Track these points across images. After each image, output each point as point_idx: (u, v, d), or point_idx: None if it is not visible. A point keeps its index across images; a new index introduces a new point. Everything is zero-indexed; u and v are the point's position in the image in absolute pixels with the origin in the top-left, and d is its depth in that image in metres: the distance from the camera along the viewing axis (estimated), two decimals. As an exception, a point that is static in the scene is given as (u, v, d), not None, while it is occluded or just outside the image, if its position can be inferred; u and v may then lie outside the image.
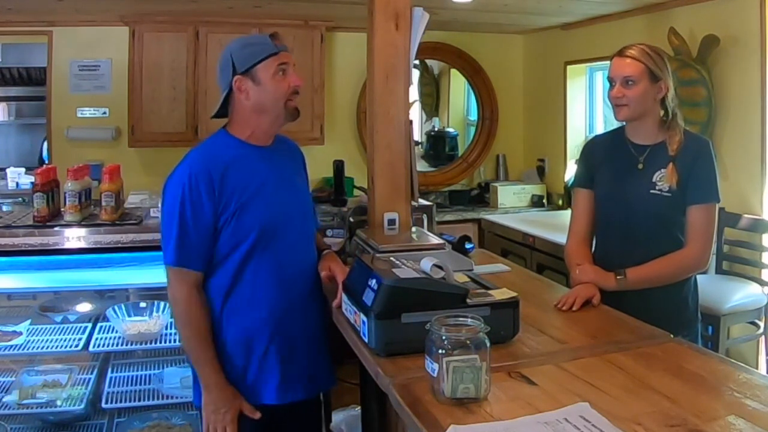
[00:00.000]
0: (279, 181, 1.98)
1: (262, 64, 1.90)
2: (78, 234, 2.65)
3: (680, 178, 2.08)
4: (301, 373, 1.99)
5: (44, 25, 4.52)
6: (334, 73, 5.08)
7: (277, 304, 1.95)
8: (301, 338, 1.99)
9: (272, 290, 1.94)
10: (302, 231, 2.05)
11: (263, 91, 1.92)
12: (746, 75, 3.51)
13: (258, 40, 1.95)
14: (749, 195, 3.54)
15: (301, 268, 2.02)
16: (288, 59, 1.94)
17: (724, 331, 3.27)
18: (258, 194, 1.91)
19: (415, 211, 2.63)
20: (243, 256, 1.90)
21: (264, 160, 1.97)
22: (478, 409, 1.32)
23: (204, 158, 1.91)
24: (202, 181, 1.84)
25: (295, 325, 1.98)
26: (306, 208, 2.11)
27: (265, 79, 1.91)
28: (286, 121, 1.98)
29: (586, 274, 2.11)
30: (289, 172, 2.07)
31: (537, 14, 4.60)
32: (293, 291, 1.98)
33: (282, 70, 1.92)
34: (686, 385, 1.43)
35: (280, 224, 1.95)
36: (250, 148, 1.96)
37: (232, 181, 1.88)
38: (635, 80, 2.08)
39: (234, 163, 1.91)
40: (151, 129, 4.45)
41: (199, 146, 2.00)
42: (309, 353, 2.02)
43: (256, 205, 1.90)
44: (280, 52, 1.92)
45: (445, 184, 5.50)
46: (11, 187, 4.71)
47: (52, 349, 2.72)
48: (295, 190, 2.06)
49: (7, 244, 2.55)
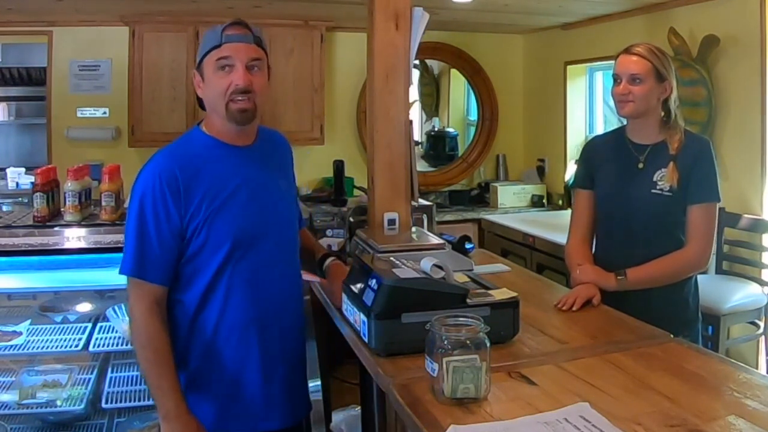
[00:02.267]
0: (258, 185, 1.75)
1: (206, 58, 1.71)
2: (78, 234, 2.65)
3: (681, 178, 2.08)
4: (279, 400, 1.78)
5: (44, 25, 4.52)
6: (334, 73, 5.08)
7: (252, 326, 1.73)
8: (279, 361, 1.78)
9: (246, 310, 1.72)
10: (283, 241, 1.81)
11: (207, 88, 1.72)
12: (746, 75, 3.51)
13: (212, 30, 1.73)
14: (749, 195, 3.54)
15: (281, 284, 1.79)
16: (233, 53, 1.67)
17: (724, 331, 3.27)
18: (232, 200, 1.69)
19: (415, 211, 2.63)
20: (214, 271, 1.68)
21: (241, 161, 1.75)
22: (478, 409, 1.32)
23: (172, 158, 1.70)
24: (168, 184, 1.63)
25: (272, 348, 1.76)
26: (289, 215, 1.87)
27: (208, 75, 1.71)
28: (233, 124, 1.72)
29: (587, 274, 2.11)
30: (272, 175, 1.82)
31: (537, 14, 4.60)
32: (270, 310, 1.76)
33: (224, 66, 1.68)
34: (686, 385, 1.43)
35: (258, 234, 1.73)
36: (226, 148, 1.74)
37: (203, 184, 1.67)
38: (642, 78, 2.08)
39: (206, 164, 1.69)
40: (151, 129, 4.45)
41: (170, 144, 1.77)
42: (287, 378, 1.81)
43: (229, 213, 1.68)
44: (224, 44, 1.68)
45: (445, 184, 5.50)
46: (11, 187, 4.71)
47: (52, 349, 2.71)
48: (278, 194, 1.81)
49: (7, 244, 2.55)
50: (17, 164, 4.97)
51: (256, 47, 1.73)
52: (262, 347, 1.74)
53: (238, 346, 1.72)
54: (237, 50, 1.68)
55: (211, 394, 1.72)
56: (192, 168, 1.68)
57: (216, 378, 1.72)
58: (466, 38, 5.42)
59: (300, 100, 4.67)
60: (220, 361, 1.72)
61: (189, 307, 1.70)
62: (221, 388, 1.72)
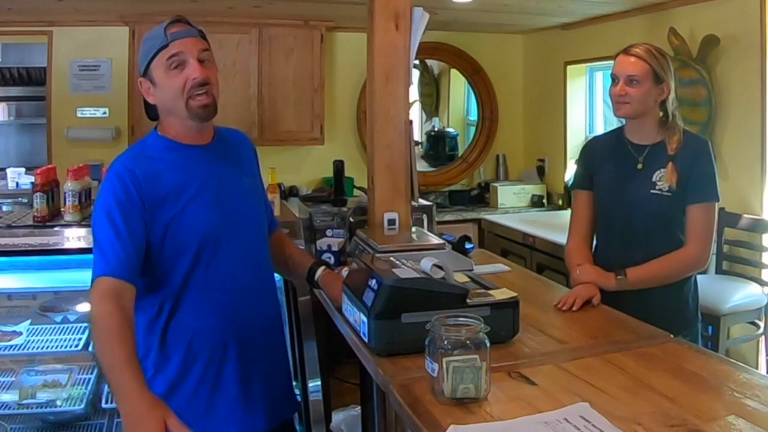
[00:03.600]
0: (220, 185, 1.71)
1: (154, 61, 1.65)
2: (78, 234, 2.65)
3: (680, 178, 2.08)
4: (260, 401, 1.74)
5: (44, 25, 4.52)
6: (334, 73, 5.08)
7: (227, 327, 1.69)
8: (258, 361, 1.75)
9: (221, 312, 1.68)
10: (252, 240, 1.77)
11: (160, 92, 1.67)
12: (746, 75, 3.51)
13: (152, 33, 1.67)
14: (749, 195, 3.54)
15: (253, 283, 1.76)
16: (183, 48, 1.62)
17: (724, 331, 3.27)
18: (195, 201, 1.65)
19: (415, 211, 2.63)
20: (184, 274, 1.65)
21: (201, 161, 1.71)
22: (478, 409, 1.32)
23: (131, 161, 1.66)
24: (132, 184, 1.60)
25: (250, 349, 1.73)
26: (256, 214, 1.82)
27: (159, 79, 1.65)
28: (196, 122, 1.68)
29: (587, 274, 2.11)
30: (234, 173, 1.77)
31: (537, 14, 4.60)
32: (244, 311, 1.72)
33: (176, 64, 1.63)
34: (686, 385, 1.43)
35: (224, 234, 1.69)
36: (184, 149, 1.70)
37: (164, 186, 1.63)
38: (639, 80, 2.08)
39: (165, 167, 1.66)
40: (151, 129, 4.44)
41: (128, 149, 1.76)
42: (267, 377, 1.77)
43: (193, 214, 1.64)
44: (171, 42, 1.62)
45: (445, 184, 5.50)
46: (11, 187, 4.72)
47: (52, 349, 2.71)
48: (242, 193, 1.77)
49: (7, 244, 2.55)
50: (17, 164, 4.98)
51: (202, 40, 1.69)
52: (240, 348, 1.71)
53: (214, 349, 1.68)
54: (186, 45, 1.64)
55: (190, 398, 1.67)
56: (152, 170, 1.64)
57: (195, 382, 1.67)
58: (466, 38, 5.42)
59: (300, 100, 4.67)
60: (197, 365, 1.67)
61: (162, 312, 1.66)
62: (201, 392, 1.68)
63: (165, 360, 1.67)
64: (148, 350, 1.67)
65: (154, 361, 1.67)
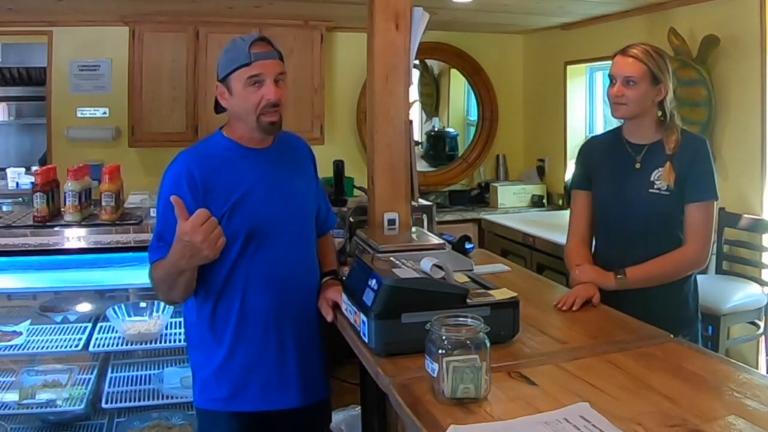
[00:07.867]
0: (272, 186, 1.91)
1: (235, 73, 1.83)
2: (78, 234, 2.65)
3: (678, 177, 2.08)
4: (295, 381, 1.95)
5: (44, 25, 4.52)
6: (334, 73, 5.08)
7: (268, 312, 1.91)
8: (294, 347, 1.95)
9: (263, 297, 1.90)
10: (298, 236, 1.98)
11: (235, 101, 1.87)
12: (746, 75, 3.51)
13: (237, 46, 1.85)
14: (749, 195, 3.54)
15: (296, 276, 1.96)
16: (264, 70, 1.82)
17: (724, 331, 3.27)
18: (246, 199, 1.86)
19: (415, 211, 2.62)
20: (232, 263, 1.86)
21: (258, 162, 1.92)
22: (478, 409, 1.32)
23: (192, 158, 1.87)
24: (187, 182, 1.81)
25: (288, 334, 1.94)
26: (305, 211, 2.02)
27: (236, 90, 1.85)
28: (262, 135, 1.91)
29: (586, 274, 2.11)
30: (286, 175, 1.97)
31: (537, 14, 4.60)
32: (286, 298, 1.93)
33: (255, 82, 1.83)
34: (686, 385, 1.43)
35: (272, 228, 1.89)
36: (244, 150, 1.91)
37: (219, 184, 1.84)
38: (636, 81, 2.08)
39: (223, 165, 1.87)
40: (151, 129, 4.45)
41: (193, 146, 1.97)
42: (301, 362, 1.97)
43: (242, 210, 1.85)
44: (254, 62, 1.81)
45: (445, 184, 5.50)
46: (11, 187, 4.72)
47: (52, 349, 2.72)
48: (292, 194, 1.96)
49: (7, 244, 2.56)
50: (17, 164, 4.98)
51: (280, 62, 1.88)
52: (278, 333, 1.92)
53: (255, 332, 1.90)
54: (266, 67, 1.83)
55: (232, 374, 1.89)
56: (210, 167, 1.85)
57: (238, 359, 1.89)
58: (466, 38, 5.42)
59: (300, 100, 4.67)
60: (240, 346, 1.89)
61: (211, 296, 1.88)
62: (243, 369, 1.89)
63: (214, 342, 1.90)
64: (199, 333, 1.93)
65: (203, 341, 1.92)
